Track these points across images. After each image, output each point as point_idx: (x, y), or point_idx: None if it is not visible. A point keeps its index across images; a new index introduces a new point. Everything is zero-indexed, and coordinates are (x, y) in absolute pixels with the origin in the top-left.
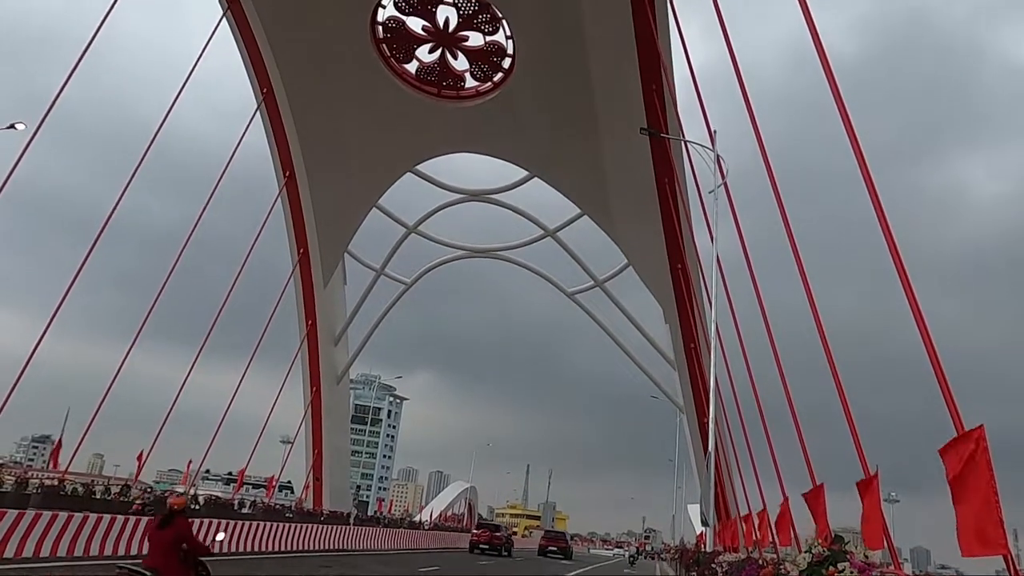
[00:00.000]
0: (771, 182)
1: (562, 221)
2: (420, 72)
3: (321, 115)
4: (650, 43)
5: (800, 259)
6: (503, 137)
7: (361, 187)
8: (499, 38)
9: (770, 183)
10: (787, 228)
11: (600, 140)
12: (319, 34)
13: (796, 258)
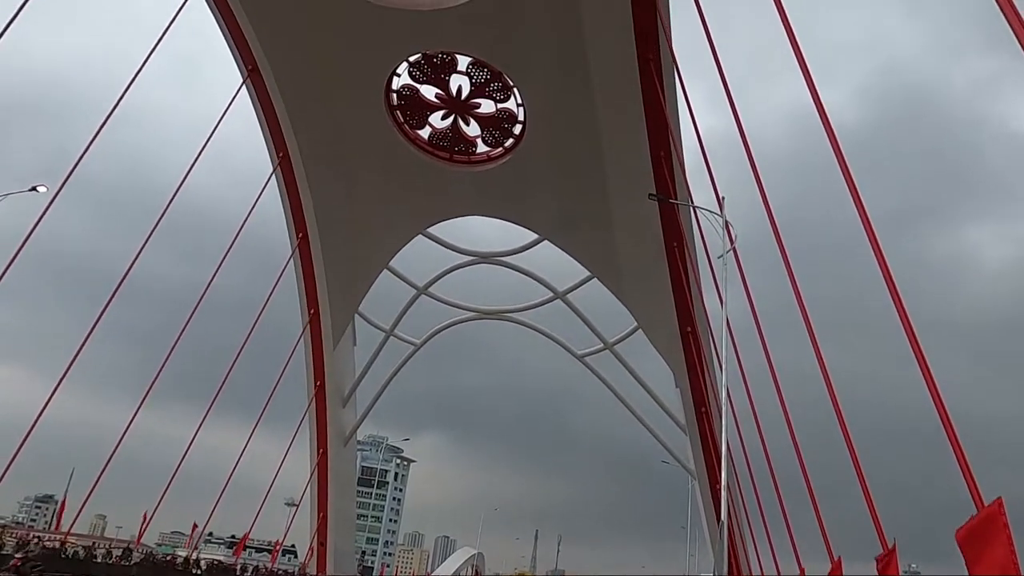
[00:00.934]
0: (780, 248)
1: (572, 283)
2: (433, 137)
3: (335, 178)
4: (658, 111)
5: (810, 323)
6: (513, 200)
7: (373, 249)
8: (510, 105)
9: (779, 249)
10: (796, 293)
11: (609, 204)
12: (335, 101)
13: (806, 322)
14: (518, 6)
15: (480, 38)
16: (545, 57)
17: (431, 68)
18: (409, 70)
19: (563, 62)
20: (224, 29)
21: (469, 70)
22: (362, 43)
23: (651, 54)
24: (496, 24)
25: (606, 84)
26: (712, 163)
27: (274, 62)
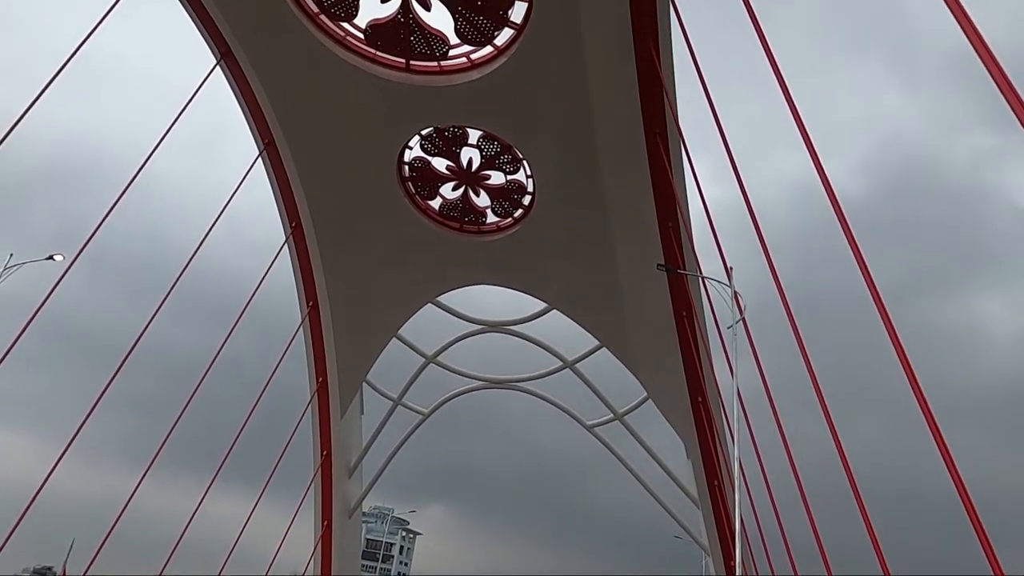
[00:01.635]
0: (789, 318)
1: (580, 353)
2: (443, 208)
3: (347, 248)
4: (665, 183)
5: (822, 395)
6: (522, 270)
7: (382, 318)
8: (520, 177)
9: (788, 319)
10: (807, 363)
11: (618, 274)
12: (348, 173)
13: (818, 394)
14: (528, 83)
15: (490, 113)
16: (554, 131)
17: (442, 141)
18: (421, 143)
19: (572, 136)
20: (242, 103)
21: (479, 143)
22: (376, 117)
23: (658, 128)
24: (506, 100)
25: (614, 157)
26: (719, 233)
27: (289, 135)
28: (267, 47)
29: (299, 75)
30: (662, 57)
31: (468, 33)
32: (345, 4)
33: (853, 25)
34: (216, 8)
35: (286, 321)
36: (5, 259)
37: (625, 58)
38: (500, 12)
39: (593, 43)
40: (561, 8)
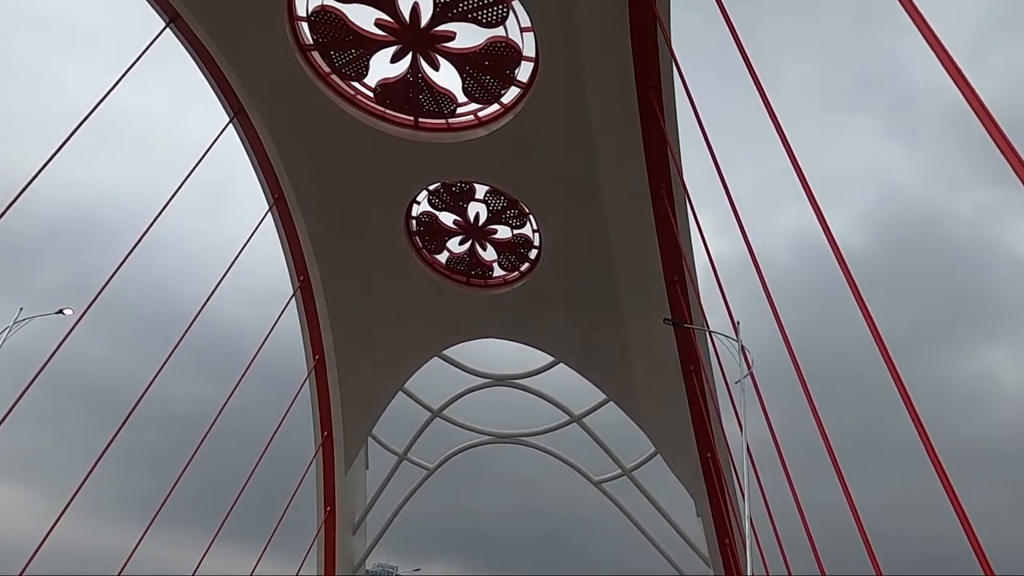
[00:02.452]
0: (797, 373)
1: (588, 407)
2: (450, 262)
3: (354, 301)
4: (671, 237)
5: (832, 450)
6: (529, 324)
7: (389, 371)
8: (526, 231)
9: (796, 373)
10: (816, 418)
11: (625, 327)
12: (357, 227)
13: (828, 449)
14: (534, 139)
15: (497, 169)
16: (560, 186)
17: (450, 196)
18: (428, 198)
19: (577, 191)
20: (253, 159)
21: (486, 198)
22: (384, 173)
23: (663, 183)
24: (513, 156)
25: (619, 211)
26: (725, 287)
27: (299, 190)
28: (279, 105)
29: (310, 132)
30: (666, 114)
31: (475, 92)
32: (356, 65)
33: (850, 81)
34: (230, 68)
35: (291, 374)
36: (15, 313)
37: (629, 116)
38: (507, 72)
39: (597, 100)
40: (566, 68)
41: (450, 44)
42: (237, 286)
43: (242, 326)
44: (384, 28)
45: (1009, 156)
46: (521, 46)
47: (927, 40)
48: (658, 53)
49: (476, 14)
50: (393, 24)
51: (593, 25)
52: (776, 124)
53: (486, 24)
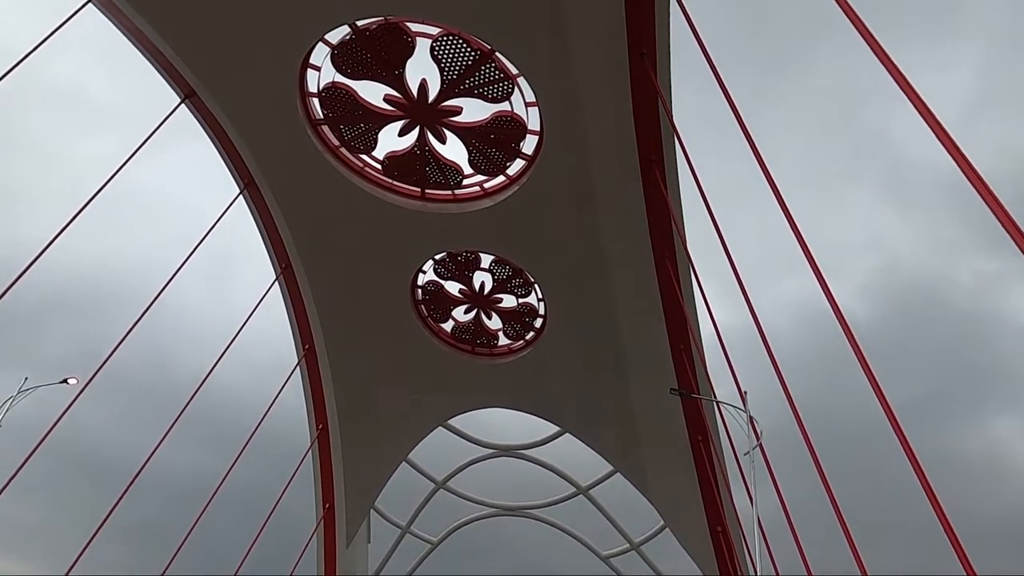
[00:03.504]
0: (807, 444)
1: (595, 479)
2: (455, 331)
3: (359, 371)
4: (676, 306)
5: (845, 522)
6: (534, 393)
7: (392, 441)
8: (531, 300)
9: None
10: (828, 491)
11: (631, 398)
12: (362, 296)
13: (841, 522)
14: (539, 209)
15: (502, 238)
16: (565, 255)
17: (455, 265)
18: (434, 267)
19: (582, 260)
20: (262, 229)
21: (492, 267)
22: (391, 243)
23: (667, 252)
24: (518, 226)
25: (624, 280)
26: (731, 356)
27: (306, 260)
28: (289, 176)
29: (318, 202)
30: (668, 184)
31: (481, 164)
32: (365, 138)
33: (843, 154)
34: (242, 141)
35: (293, 445)
36: (20, 382)
37: (633, 187)
38: (512, 145)
39: (601, 172)
40: (570, 141)
41: (457, 118)
42: (241, 356)
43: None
44: (393, 103)
45: (1008, 227)
46: (526, 120)
47: (919, 112)
48: (660, 126)
49: (482, 90)
50: (401, 99)
51: (596, 100)
52: (777, 194)
53: (492, 100)
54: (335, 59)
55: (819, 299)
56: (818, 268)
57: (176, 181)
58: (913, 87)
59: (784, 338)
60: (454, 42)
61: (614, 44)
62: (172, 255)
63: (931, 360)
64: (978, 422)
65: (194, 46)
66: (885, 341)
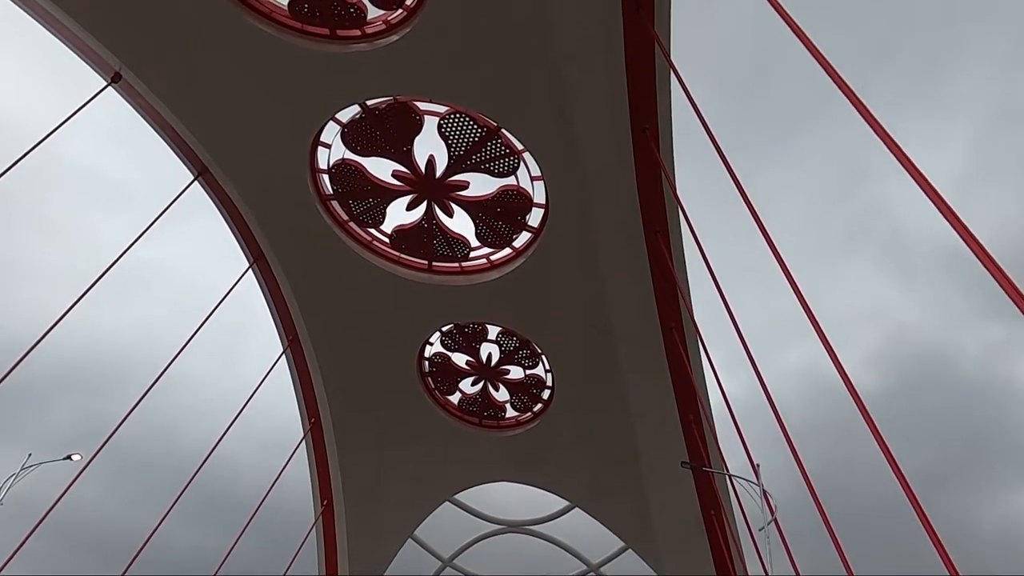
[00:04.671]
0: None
1: (606, 555)
2: (462, 403)
3: (364, 444)
4: (684, 377)
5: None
6: (543, 466)
7: (398, 517)
8: (539, 371)
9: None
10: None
11: (641, 470)
12: (369, 369)
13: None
14: (546, 281)
15: (509, 310)
16: (572, 326)
17: (462, 337)
18: (441, 339)
19: (589, 331)
20: (270, 302)
21: (499, 339)
22: (398, 315)
23: (674, 322)
24: (525, 297)
25: (632, 351)
26: (741, 427)
27: (313, 332)
28: (298, 251)
29: (326, 276)
30: (673, 255)
31: (488, 237)
32: (373, 212)
33: (842, 224)
34: (253, 217)
35: (297, 522)
36: (23, 458)
37: (638, 258)
38: (518, 218)
39: (607, 244)
40: (575, 214)
41: (464, 193)
42: (246, 429)
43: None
44: (401, 179)
45: (1012, 293)
46: (532, 194)
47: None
48: (663, 198)
49: (489, 165)
50: (409, 175)
51: (600, 174)
52: (781, 264)
53: (498, 174)
54: (345, 137)
55: (825, 368)
56: (825, 337)
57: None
58: (909, 157)
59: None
60: (461, 119)
61: (617, 120)
62: (180, 329)
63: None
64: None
65: (208, 124)
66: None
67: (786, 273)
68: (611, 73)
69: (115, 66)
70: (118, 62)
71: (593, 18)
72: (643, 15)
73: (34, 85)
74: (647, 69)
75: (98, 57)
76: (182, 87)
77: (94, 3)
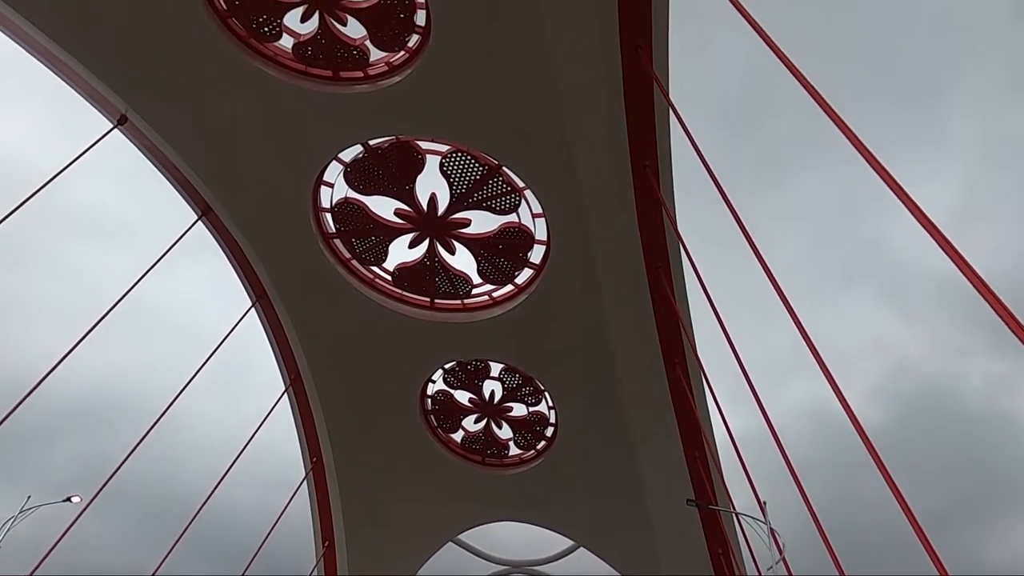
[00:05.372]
0: (831, 555)
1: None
2: (465, 441)
3: (366, 483)
4: (689, 413)
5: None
6: (546, 505)
7: (401, 558)
8: (542, 408)
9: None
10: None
11: (647, 508)
12: (371, 406)
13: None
14: (548, 317)
15: (511, 347)
16: (574, 363)
17: (465, 374)
18: (444, 376)
19: (593, 367)
20: (272, 342)
21: (501, 376)
22: (400, 353)
23: (677, 358)
24: (527, 334)
25: (635, 388)
26: (745, 463)
27: (316, 371)
28: (301, 289)
29: (329, 313)
30: (676, 290)
31: (490, 273)
32: (376, 250)
33: (838, 260)
34: (256, 256)
35: (299, 563)
36: (23, 500)
37: (640, 293)
38: (520, 255)
39: (609, 280)
40: (577, 250)
41: (466, 230)
42: (247, 470)
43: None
44: (403, 217)
45: (1013, 327)
46: (533, 230)
47: (915, 215)
48: (664, 234)
49: (490, 203)
50: (412, 213)
51: (601, 211)
52: (782, 297)
53: (500, 211)
54: (348, 176)
55: (828, 403)
56: (829, 371)
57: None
58: (905, 191)
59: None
60: (463, 158)
61: (618, 157)
62: (182, 368)
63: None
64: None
65: (212, 164)
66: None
67: (788, 307)
68: (611, 111)
69: (121, 108)
70: (124, 104)
71: (593, 57)
72: (641, 55)
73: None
74: (646, 107)
75: (105, 100)
76: (187, 128)
77: (100, 46)
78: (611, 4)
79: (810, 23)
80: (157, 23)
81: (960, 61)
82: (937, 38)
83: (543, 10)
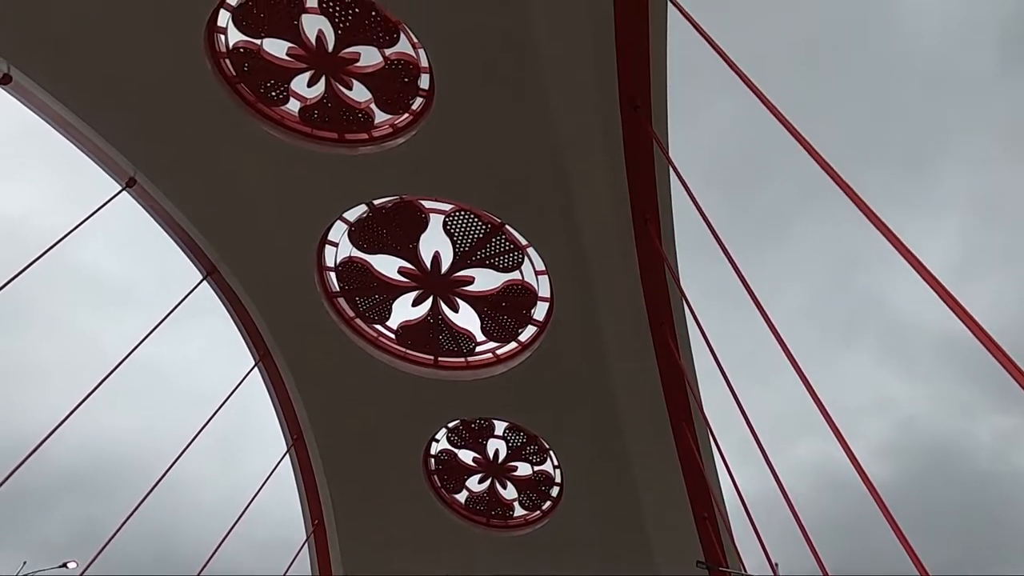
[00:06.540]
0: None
1: None
2: (469, 502)
3: (368, 546)
4: (696, 472)
5: None
6: (552, 568)
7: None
8: (547, 468)
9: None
10: None
11: (656, 569)
12: (374, 467)
13: None
14: (552, 374)
15: (516, 405)
16: (580, 421)
17: (469, 433)
18: (448, 435)
19: (598, 426)
20: (275, 401)
21: (506, 434)
22: (403, 411)
23: (683, 416)
24: (531, 391)
25: (642, 446)
26: (754, 523)
27: (318, 430)
28: (304, 348)
29: (331, 372)
30: (680, 347)
31: (494, 331)
32: (379, 308)
33: (838, 317)
34: (260, 316)
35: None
36: (18, 567)
37: (645, 351)
38: (524, 312)
39: (613, 337)
40: (580, 307)
41: (469, 288)
42: (247, 532)
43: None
44: (407, 275)
45: (1019, 379)
46: (537, 288)
47: (917, 270)
48: (668, 290)
49: (493, 260)
50: (415, 271)
51: (604, 267)
52: (789, 355)
53: (503, 269)
54: (352, 235)
55: (836, 461)
56: (838, 429)
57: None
58: (905, 245)
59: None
60: (466, 216)
61: (619, 212)
62: (182, 428)
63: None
64: None
65: (218, 225)
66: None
67: (794, 364)
68: (611, 167)
69: (130, 171)
70: (133, 167)
71: (593, 116)
72: (640, 114)
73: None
74: (647, 163)
75: (113, 163)
76: (194, 190)
77: (109, 109)
78: (610, 67)
79: (807, 85)
80: (168, 87)
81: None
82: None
83: (544, 73)
